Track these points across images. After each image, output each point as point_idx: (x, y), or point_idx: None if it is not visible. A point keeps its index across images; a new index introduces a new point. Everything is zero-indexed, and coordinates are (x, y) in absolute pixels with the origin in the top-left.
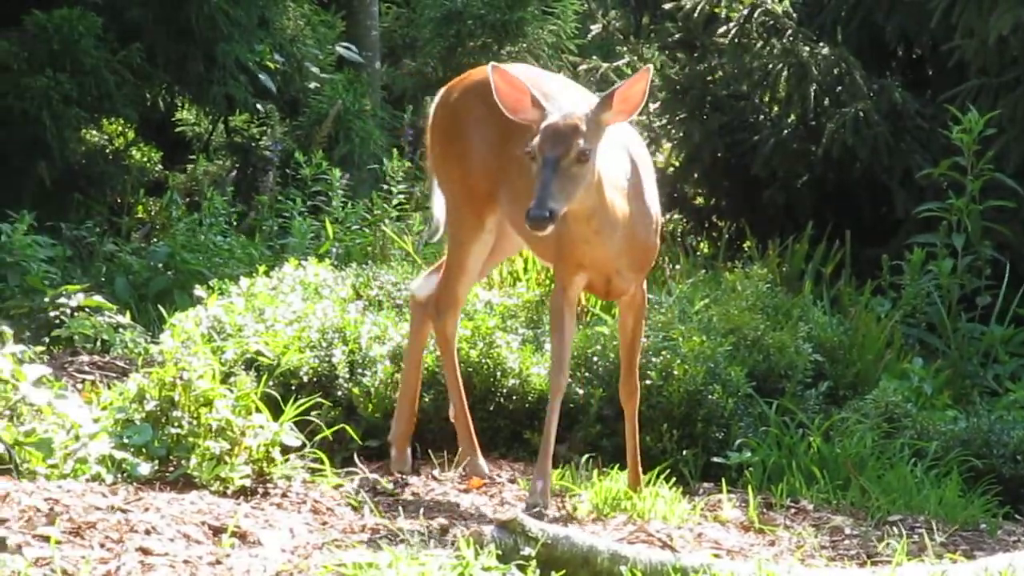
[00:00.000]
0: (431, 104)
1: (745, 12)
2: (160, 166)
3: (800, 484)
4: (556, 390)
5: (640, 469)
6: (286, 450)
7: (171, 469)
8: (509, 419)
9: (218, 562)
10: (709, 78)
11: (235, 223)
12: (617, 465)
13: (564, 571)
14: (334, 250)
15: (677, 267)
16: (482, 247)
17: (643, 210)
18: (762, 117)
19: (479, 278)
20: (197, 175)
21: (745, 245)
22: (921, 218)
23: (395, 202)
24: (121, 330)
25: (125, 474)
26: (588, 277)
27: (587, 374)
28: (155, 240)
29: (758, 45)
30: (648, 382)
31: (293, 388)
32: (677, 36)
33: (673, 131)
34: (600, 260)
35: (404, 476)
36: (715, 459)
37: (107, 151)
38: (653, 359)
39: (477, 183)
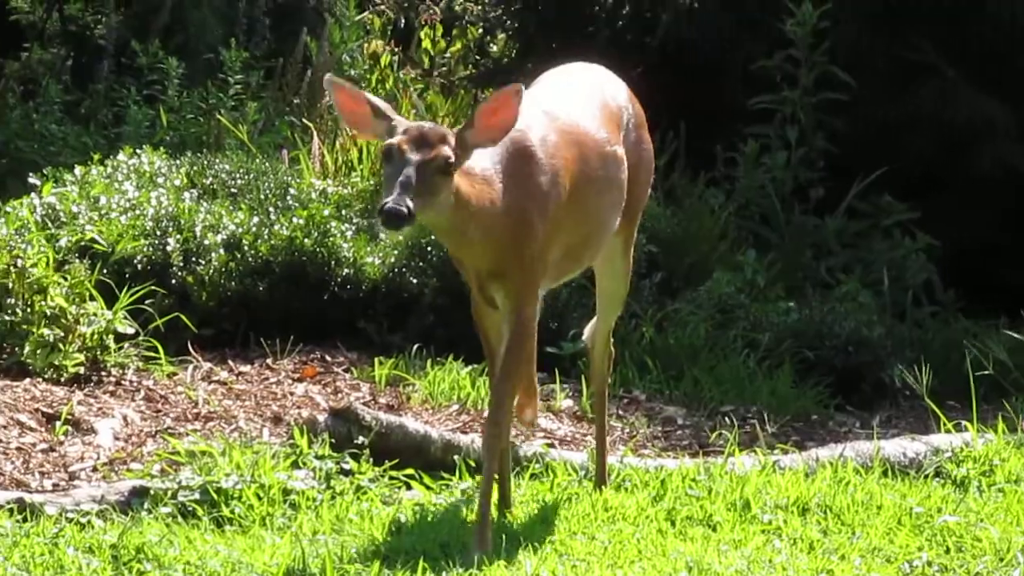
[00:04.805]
0: None
1: None
2: None
3: (633, 375)
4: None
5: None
6: (120, 338)
7: (4, 356)
8: (343, 308)
9: (51, 449)
10: None
11: (69, 111)
12: (451, 354)
13: (397, 460)
14: (169, 139)
15: None
16: None
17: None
18: (597, 8)
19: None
20: (32, 63)
21: None
22: (755, 110)
23: (231, 91)
24: None
25: None
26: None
27: (421, 264)
28: None
29: None
30: None
31: (127, 276)
32: None
33: (508, 22)
34: (466, 262)
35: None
36: (549, 349)
37: None
38: None
39: None
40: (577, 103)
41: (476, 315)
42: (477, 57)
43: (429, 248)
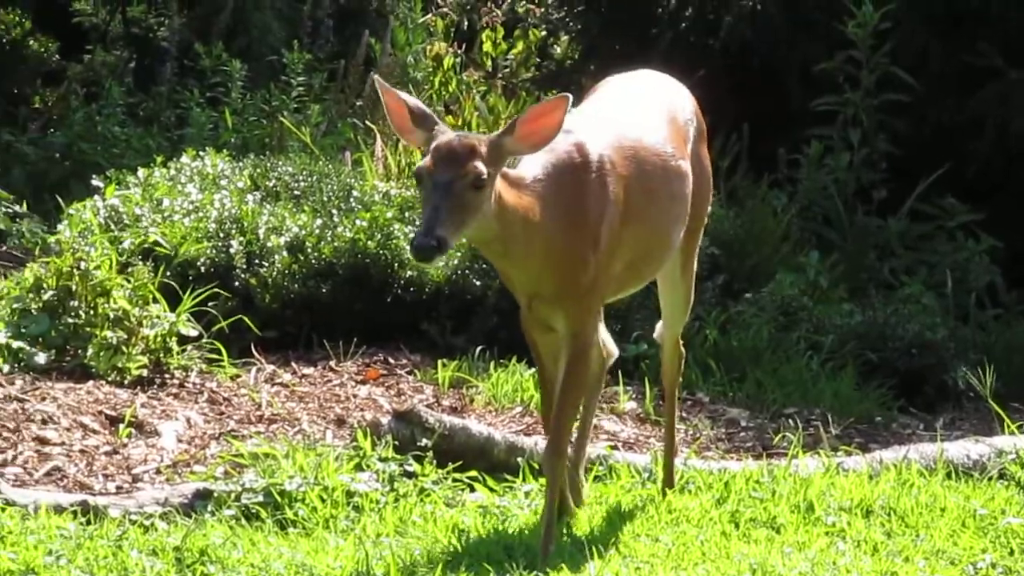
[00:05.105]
0: None
1: None
2: (57, 56)
3: (696, 376)
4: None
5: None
6: (183, 340)
7: (68, 359)
8: (406, 311)
9: (115, 452)
10: None
11: (132, 114)
12: (514, 356)
13: (460, 462)
14: (232, 141)
15: None
16: None
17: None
18: (660, 10)
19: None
20: (95, 66)
21: None
22: (818, 112)
23: (294, 94)
24: (18, 220)
25: (22, 364)
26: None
27: (484, 266)
28: (52, 131)
29: None
30: None
31: (190, 279)
32: None
33: (571, 23)
34: (515, 280)
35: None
36: None
37: (4, 41)
38: None
39: None
40: (642, 115)
41: (525, 329)
42: (539, 59)
43: None
